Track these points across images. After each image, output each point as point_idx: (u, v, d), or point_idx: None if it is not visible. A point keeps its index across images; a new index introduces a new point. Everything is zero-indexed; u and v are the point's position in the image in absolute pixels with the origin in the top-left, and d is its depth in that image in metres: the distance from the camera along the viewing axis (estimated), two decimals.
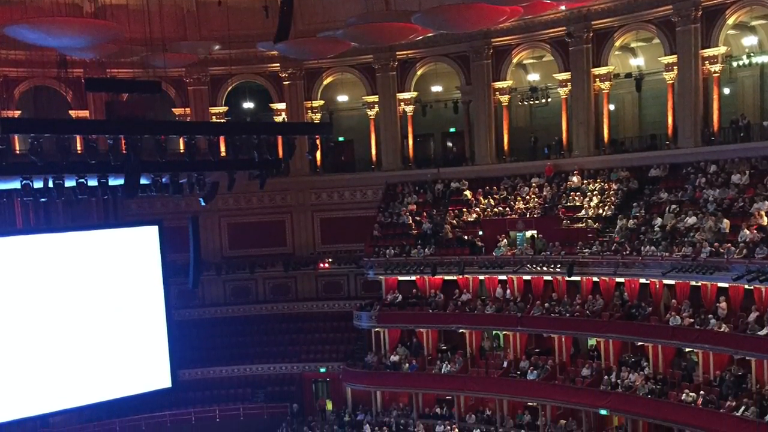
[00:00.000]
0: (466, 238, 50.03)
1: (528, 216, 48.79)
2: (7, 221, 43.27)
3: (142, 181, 33.36)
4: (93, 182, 32.12)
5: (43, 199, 33.61)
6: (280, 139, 35.83)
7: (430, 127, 58.73)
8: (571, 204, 48.18)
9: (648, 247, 41.87)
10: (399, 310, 50.70)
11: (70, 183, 31.79)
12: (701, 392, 37.94)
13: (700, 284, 40.27)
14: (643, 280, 42.78)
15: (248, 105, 59.65)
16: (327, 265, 56.81)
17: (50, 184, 31.46)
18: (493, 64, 52.86)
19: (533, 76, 54.66)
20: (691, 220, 41.70)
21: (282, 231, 58.09)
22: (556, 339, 45.80)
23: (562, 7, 47.10)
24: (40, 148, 28.55)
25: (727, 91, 47.03)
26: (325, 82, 57.95)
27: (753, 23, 45.39)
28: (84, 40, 38.13)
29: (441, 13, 37.51)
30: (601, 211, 46.77)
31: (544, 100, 52.96)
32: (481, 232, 49.97)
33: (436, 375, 48.48)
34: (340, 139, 59.60)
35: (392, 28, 41.64)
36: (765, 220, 38.92)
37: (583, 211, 47.30)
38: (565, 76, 50.29)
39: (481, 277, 49.30)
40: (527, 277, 47.42)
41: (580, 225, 46.78)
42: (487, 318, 47.71)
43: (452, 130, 58.73)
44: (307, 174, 57.36)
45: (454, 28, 45.04)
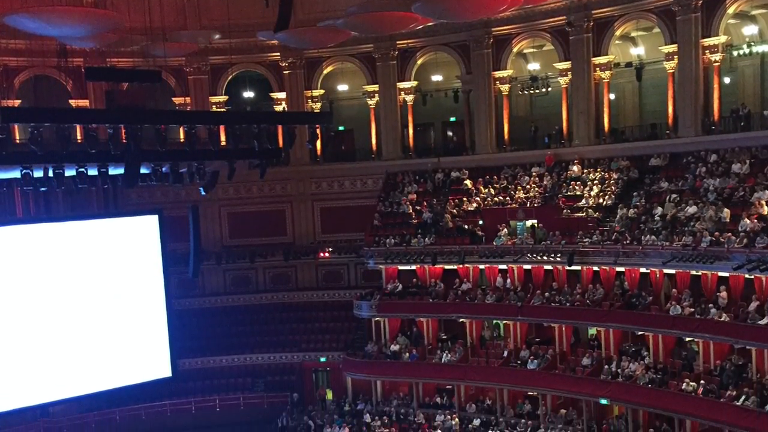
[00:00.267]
0: (466, 227, 50.03)
1: (528, 205, 48.75)
2: (7, 210, 43.26)
3: (142, 171, 33.31)
4: (93, 171, 32.11)
5: (43, 189, 33.57)
6: (280, 129, 35.86)
7: (431, 117, 58.63)
8: (572, 193, 48.14)
9: (648, 237, 41.85)
10: (399, 300, 50.73)
11: (70, 172, 31.78)
12: (702, 382, 37.94)
13: (700, 273, 40.25)
14: (643, 270, 42.75)
15: (248, 94, 59.57)
16: (327, 255, 56.79)
17: (50, 174, 31.46)
18: (494, 54, 52.76)
19: (533, 66, 54.53)
20: (692, 210, 41.68)
21: (282, 220, 58.08)
22: (557, 328, 45.77)
23: None
24: (40, 138, 28.54)
25: (727, 80, 47.00)
26: (326, 72, 57.86)
27: (753, 12, 45.32)
28: (84, 30, 38.22)
29: (441, 2, 37.53)
30: (601, 201, 46.75)
31: (544, 90, 52.75)
32: (481, 222, 49.97)
33: (437, 364, 48.50)
34: (341, 128, 59.57)
35: (392, 18, 41.68)
36: (765, 210, 38.88)
37: (584, 201, 47.26)
38: (566, 65, 50.23)
39: (482, 267, 49.28)
40: (527, 267, 47.41)
41: (581, 214, 46.75)
42: (488, 307, 47.71)
43: (452, 119, 58.63)
44: (307, 163, 57.31)
45: (455, 17, 45.05)
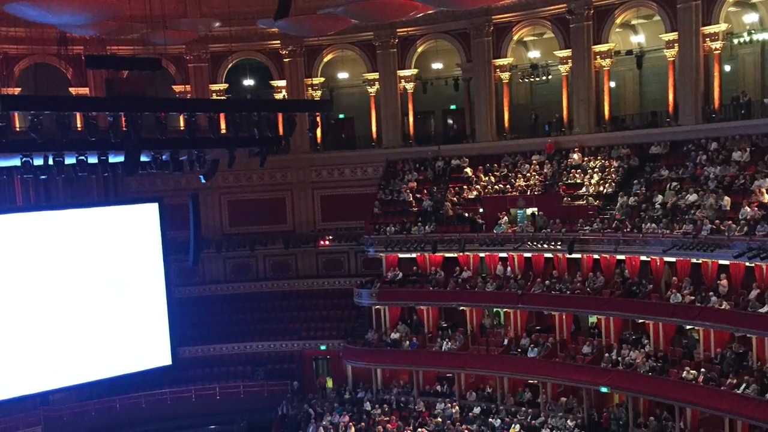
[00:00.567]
0: (466, 215, 50.05)
1: (529, 193, 48.78)
2: (7, 198, 43.25)
3: (143, 159, 33.27)
4: (93, 159, 32.06)
5: (43, 177, 33.45)
6: (280, 117, 35.75)
7: (431, 105, 58.59)
8: (572, 181, 48.09)
9: (649, 225, 41.84)
10: (399, 288, 50.76)
11: (70, 160, 31.74)
12: (702, 370, 37.93)
13: (700, 261, 40.23)
14: (643, 258, 42.74)
15: (248, 82, 59.45)
16: (327, 243, 56.82)
17: (50, 162, 31.40)
18: (494, 42, 52.69)
19: (534, 53, 54.55)
20: (692, 198, 41.67)
21: (282, 208, 58.09)
22: (557, 316, 45.78)
23: None
24: (40, 126, 28.49)
25: (727, 68, 46.94)
26: (326, 60, 57.78)
27: (753, 0, 45.22)
28: (84, 17, 38.15)
29: None
30: (601, 189, 46.72)
31: (544, 78, 52.74)
32: (481, 210, 49.98)
33: (437, 352, 48.53)
34: (341, 116, 59.58)
35: (392, 5, 41.61)
36: (766, 198, 38.88)
37: (584, 189, 47.25)
38: (566, 53, 50.17)
39: (482, 255, 49.27)
40: (528, 255, 47.40)
41: (581, 202, 46.77)
42: (488, 295, 47.71)
43: (453, 107, 58.65)
44: (307, 151, 57.23)
45: (455, 5, 45.11)
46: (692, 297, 39.64)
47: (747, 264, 37.88)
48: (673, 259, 41.22)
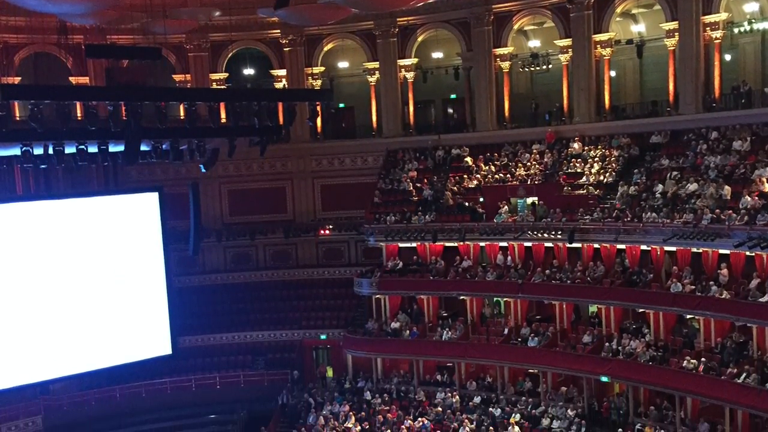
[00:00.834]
0: (466, 204, 50.08)
1: (529, 182, 48.80)
2: (7, 188, 43.24)
3: (143, 148, 33.20)
4: (93, 149, 31.97)
5: (43, 166, 33.48)
6: (280, 106, 35.67)
7: (431, 94, 58.51)
8: (572, 170, 48.06)
9: (649, 214, 41.83)
10: (400, 277, 50.77)
11: (70, 149, 31.64)
12: (702, 359, 37.95)
13: (701, 251, 40.23)
14: (644, 247, 42.75)
15: (248, 71, 59.37)
16: (327, 232, 56.83)
17: (50, 151, 31.31)
18: (494, 31, 52.66)
19: (534, 43, 54.48)
20: (693, 187, 41.67)
21: (282, 198, 58.08)
22: (557, 306, 45.81)
23: None
24: (40, 115, 28.42)
25: (728, 57, 46.90)
26: (326, 49, 57.73)
27: None
28: (84, 7, 38.08)
29: None
30: (602, 178, 46.71)
31: (545, 67, 52.69)
32: (481, 199, 50.01)
33: (437, 342, 48.55)
34: (341, 105, 59.41)
35: None
36: (766, 187, 38.88)
37: (584, 178, 47.23)
38: (566, 42, 50.15)
39: (482, 244, 49.29)
40: (528, 244, 47.40)
41: (581, 191, 46.76)
42: (488, 285, 47.73)
43: (453, 96, 58.62)
44: (307, 140, 57.13)
45: None
46: (692, 286, 39.65)
47: (747, 253, 37.92)
48: (674, 249, 41.22)
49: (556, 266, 45.90)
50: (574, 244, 45.00)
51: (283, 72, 57.25)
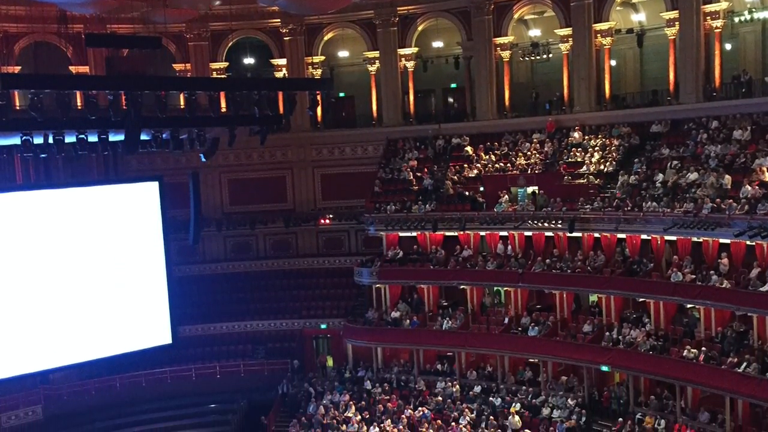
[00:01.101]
0: (467, 194, 50.03)
1: (529, 172, 48.74)
2: (7, 177, 43.16)
3: (143, 137, 33.18)
4: (93, 138, 31.96)
5: (43, 155, 33.44)
6: (280, 95, 35.60)
7: (431, 83, 58.47)
8: (573, 160, 47.99)
9: (649, 203, 41.80)
10: (400, 266, 50.79)
11: (71, 139, 31.62)
12: (703, 349, 37.96)
13: (701, 240, 40.21)
14: (644, 236, 42.74)
15: (249, 60, 59.22)
16: (328, 221, 56.80)
17: (50, 140, 31.28)
18: (494, 20, 52.58)
19: (534, 32, 54.40)
20: (693, 176, 41.65)
21: (283, 187, 58.04)
22: (558, 295, 45.82)
23: None
24: (41, 104, 28.38)
25: (728, 46, 46.85)
26: (326, 38, 57.66)
27: None
28: None
29: None
30: (602, 167, 46.65)
31: (545, 56, 52.74)
32: (482, 188, 49.97)
33: (437, 331, 48.56)
34: (341, 94, 59.38)
35: None
36: (767, 176, 38.85)
37: (585, 167, 47.16)
38: (567, 31, 50.08)
39: (482, 233, 49.29)
40: (528, 233, 47.38)
41: (582, 181, 46.67)
42: (488, 274, 47.72)
43: (453, 85, 58.58)
44: (307, 130, 57.03)
45: None
46: (693, 276, 39.65)
47: (748, 243, 37.93)
48: (674, 238, 41.22)
49: (556, 255, 45.88)
50: (575, 234, 44.96)
51: (283, 61, 57.15)
